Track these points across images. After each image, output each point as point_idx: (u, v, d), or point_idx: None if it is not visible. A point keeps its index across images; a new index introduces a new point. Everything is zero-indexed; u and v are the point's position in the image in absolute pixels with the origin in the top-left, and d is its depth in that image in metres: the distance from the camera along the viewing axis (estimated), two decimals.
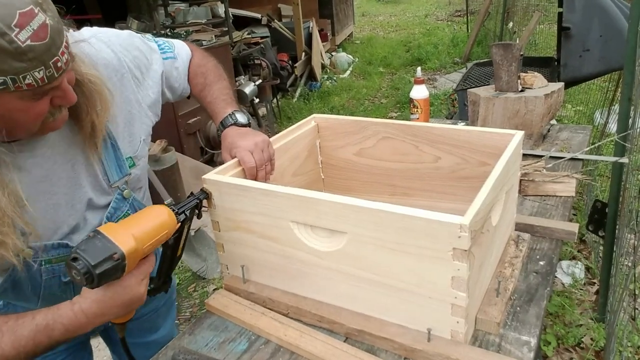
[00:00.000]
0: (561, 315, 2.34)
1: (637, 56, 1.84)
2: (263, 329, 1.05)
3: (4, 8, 0.72)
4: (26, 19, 0.74)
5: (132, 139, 1.10)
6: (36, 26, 0.75)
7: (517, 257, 1.17)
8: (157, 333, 1.39)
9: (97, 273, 0.81)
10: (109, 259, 0.83)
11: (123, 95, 1.06)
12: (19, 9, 0.73)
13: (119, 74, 1.06)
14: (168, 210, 0.96)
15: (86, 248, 0.82)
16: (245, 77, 5.12)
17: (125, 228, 0.88)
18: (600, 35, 2.67)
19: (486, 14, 7.16)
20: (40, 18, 0.76)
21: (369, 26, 12.65)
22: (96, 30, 1.07)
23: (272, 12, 7.43)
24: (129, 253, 0.85)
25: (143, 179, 1.18)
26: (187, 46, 1.28)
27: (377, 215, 0.89)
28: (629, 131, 1.90)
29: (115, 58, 1.05)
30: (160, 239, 0.93)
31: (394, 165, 1.36)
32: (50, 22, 0.77)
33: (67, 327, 0.88)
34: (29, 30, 0.74)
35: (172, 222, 0.95)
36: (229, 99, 1.26)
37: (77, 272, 0.81)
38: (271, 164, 1.18)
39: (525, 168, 1.62)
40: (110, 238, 0.84)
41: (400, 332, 0.97)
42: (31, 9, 0.74)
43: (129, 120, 1.08)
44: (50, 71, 0.78)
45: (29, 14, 0.74)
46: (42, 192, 0.95)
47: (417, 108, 1.96)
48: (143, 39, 1.16)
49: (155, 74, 1.15)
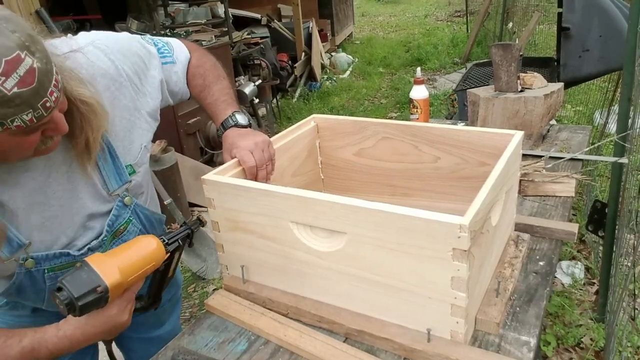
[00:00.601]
0: (561, 316, 2.34)
1: (636, 56, 1.84)
2: (263, 329, 1.05)
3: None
4: (12, 66, 0.72)
5: (132, 146, 1.09)
6: (23, 72, 0.73)
7: (516, 257, 1.17)
8: (162, 328, 1.40)
9: (80, 305, 0.84)
10: (93, 291, 0.85)
11: (121, 103, 1.05)
12: (4, 56, 0.71)
13: (117, 82, 1.04)
14: (157, 241, 0.97)
15: (71, 279, 0.85)
16: (245, 77, 5.12)
17: (112, 260, 0.89)
18: (600, 35, 2.67)
19: (486, 14, 7.16)
20: (27, 63, 0.74)
21: (369, 26, 12.64)
22: (94, 37, 1.05)
23: (271, 13, 7.43)
24: (113, 286, 0.87)
25: (145, 184, 1.17)
26: (184, 47, 1.25)
27: (377, 215, 0.89)
28: (629, 131, 1.90)
29: (112, 67, 1.03)
30: (146, 271, 0.95)
31: (393, 166, 1.37)
32: (38, 64, 0.75)
33: (52, 350, 0.91)
34: (16, 77, 0.73)
35: (160, 254, 0.97)
36: (229, 99, 1.25)
37: (60, 302, 0.84)
38: (272, 164, 1.18)
39: (525, 168, 1.62)
40: (96, 270, 0.86)
41: (400, 332, 0.97)
42: (17, 55, 0.73)
43: (128, 129, 1.07)
44: (38, 112, 0.77)
45: (15, 60, 0.72)
46: (36, 204, 0.95)
47: (417, 108, 1.96)
48: (142, 43, 1.14)
49: (154, 80, 1.13)
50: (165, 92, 1.18)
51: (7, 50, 0.72)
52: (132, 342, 1.39)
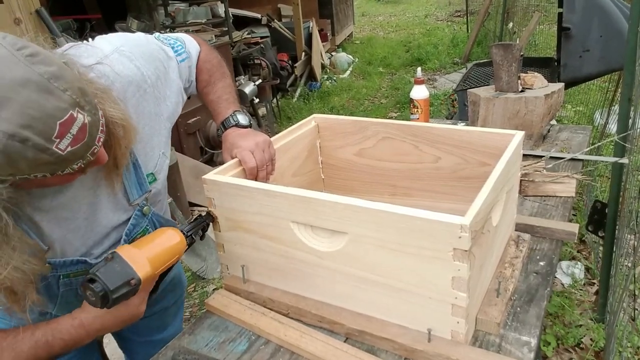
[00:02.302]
0: (561, 316, 2.34)
1: (637, 56, 1.83)
2: (263, 329, 1.05)
3: (44, 123, 0.70)
4: (66, 127, 0.72)
5: (153, 153, 1.08)
6: (75, 130, 0.73)
7: (517, 257, 1.17)
8: (165, 332, 1.39)
9: (114, 297, 0.84)
10: (127, 284, 0.85)
11: (145, 110, 1.04)
12: (58, 119, 0.71)
13: (142, 89, 1.02)
14: (180, 234, 0.98)
15: (105, 271, 0.84)
16: (245, 77, 5.12)
17: (142, 252, 0.90)
18: (600, 35, 2.67)
19: (486, 14, 7.16)
20: (79, 120, 0.74)
21: (369, 26, 12.64)
22: (118, 43, 1.03)
23: (272, 12, 7.43)
24: (145, 278, 0.88)
25: (163, 192, 1.16)
26: (194, 41, 1.24)
27: (378, 215, 0.89)
28: (629, 131, 1.90)
29: (138, 74, 1.02)
30: (172, 263, 0.96)
31: (394, 166, 1.36)
32: (88, 118, 0.75)
33: (67, 342, 0.90)
34: (69, 137, 0.73)
35: (182, 247, 0.98)
36: (232, 98, 1.25)
37: (93, 294, 0.84)
38: (272, 164, 1.17)
39: (525, 168, 1.62)
40: (129, 263, 0.87)
41: (401, 332, 0.97)
42: (70, 115, 0.72)
43: (150, 136, 1.06)
44: (87, 159, 0.78)
45: (68, 121, 0.72)
46: (63, 219, 0.95)
47: (417, 108, 1.96)
48: (159, 44, 1.12)
49: (173, 83, 1.12)
50: (183, 93, 1.17)
51: (61, 112, 0.72)
52: (135, 345, 1.39)
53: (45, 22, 2.62)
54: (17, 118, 0.68)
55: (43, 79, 0.70)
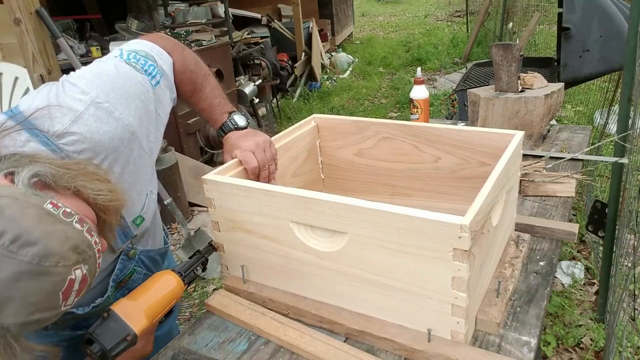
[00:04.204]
0: (561, 316, 2.34)
1: (637, 56, 1.83)
2: (263, 329, 1.05)
3: (48, 301, 0.70)
4: (69, 290, 0.72)
5: (140, 197, 1.04)
6: (78, 286, 0.73)
7: (517, 257, 1.17)
8: (159, 330, 1.39)
9: (112, 355, 0.87)
10: (123, 340, 0.88)
11: (130, 159, 0.98)
12: (60, 291, 0.71)
13: (125, 140, 0.96)
14: (176, 278, 1.00)
15: (101, 332, 0.87)
16: (245, 77, 5.12)
17: (137, 305, 0.92)
18: (600, 35, 2.68)
19: (486, 15, 7.16)
20: (79, 276, 0.73)
21: (369, 26, 12.64)
22: (92, 93, 0.93)
23: (272, 12, 7.43)
24: (141, 332, 0.90)
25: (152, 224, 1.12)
26: (163, 51, 1.11)
27: (377, 215, 0.89)
28: (629, 131, 1.90)
29: (119, 126, 0.94)
30: (170, 307, 0.98)
31: (394, 166, 1.36)
32: (86, 267, 0.74)
33: None
34: (74, 293, 0.73)
35: (179, 290, 1.00)
36: (223, 100, 1.21)
37: (92, 354, 0.87)
38: (274, 163, 1.17)
39: (525, 168, 1.62)
40: (124, 320, 0.89)
41: (401, 332, 0.97)
42: (70, 281, 0.71)
43: (135, 181, 1.02)
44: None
45: (69, 286, 0.72)
46: None
47: (417, 108, 1.96)
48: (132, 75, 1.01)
49: (152, 115, 1.04)
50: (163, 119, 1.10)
51: (60, 285, 0.71)
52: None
53: (45, 22, 2.62)
54: (23, 310, 0.68)
55: (32, 265, 0.67)
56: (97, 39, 4.16)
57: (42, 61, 2.62)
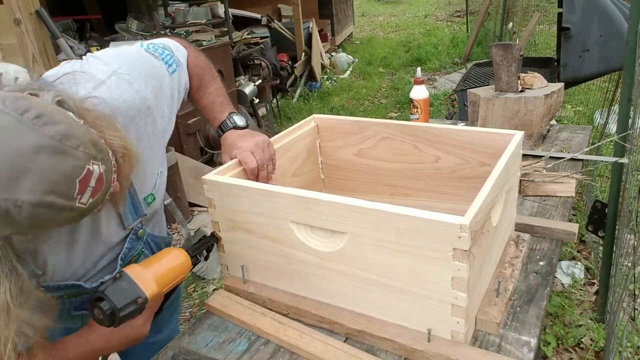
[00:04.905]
0: (561, 316, 2.34)
1: (637, 56, 1.83)
2: (263, 329, 1.05)
3: (65, 185, 0.71)
4: (85, 183, 0.73)
5: (152, 174, 1.07)
6: (94, 183, 0.74)
7: (517, 257, 1.17)
8: (160, 334, 1.39)
9: (121, 315, 0.85)
10: (134, 302, 0.87)
11: (144, 133, 1.02)
12: (76, 177, 0.71)
13: (141, 112, 0.99)
14: (185, 254, 1.00)
15: (113, 290, 0.86)
16: (245, 77, 5.12)
17: (149, 271, 0.92)
18: (600, 35, 2.67)
19: (486, 14, 7.16)
20: (96, 172, 0.74)
21: (369, 26, 12.64)
22: (114, 65, 0.98)
23: (272, 13, 7.43)
24: (152, 297, 0.89)
25: (160, 209, 1.16)
26: (180, 45, 1.19)
27: (377, 215, 0.89)
28: (629, 131, 1.90)
29: (137, 97, 0.98)
30: (177, 282, 0.98)
31: (394, 166, 1.36)
32: (103, 167, 0.76)
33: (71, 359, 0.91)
34: (89, 190, 0.74)
35: (188, 266, 1.00)
36: (225, 100, 1.23)
37: (101, 312, 0.85)
38: (272, 163, 1.17)
39: (525, 168, 1.62)
40: (136, 282, 0.88)
41: (401, 332, 0.97)
42: (87, 171, 0.73)
43: (148, 158, 1.04)
44: (104, 201, 0.79)
45: (86, 176, 0.73)
46: (62, 248, 0.95)
47: (417, 108, 1.96)
48: (152, 61, 1.07)
49: (168, 98, 1.09)
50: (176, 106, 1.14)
51: (78, 170, 0.72)
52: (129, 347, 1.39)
53: (45, 22, 2.62)
54: (39, 186, 0.68)
55: (55, 141, 0.70)
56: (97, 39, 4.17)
57: (42, 61, 2.63)
